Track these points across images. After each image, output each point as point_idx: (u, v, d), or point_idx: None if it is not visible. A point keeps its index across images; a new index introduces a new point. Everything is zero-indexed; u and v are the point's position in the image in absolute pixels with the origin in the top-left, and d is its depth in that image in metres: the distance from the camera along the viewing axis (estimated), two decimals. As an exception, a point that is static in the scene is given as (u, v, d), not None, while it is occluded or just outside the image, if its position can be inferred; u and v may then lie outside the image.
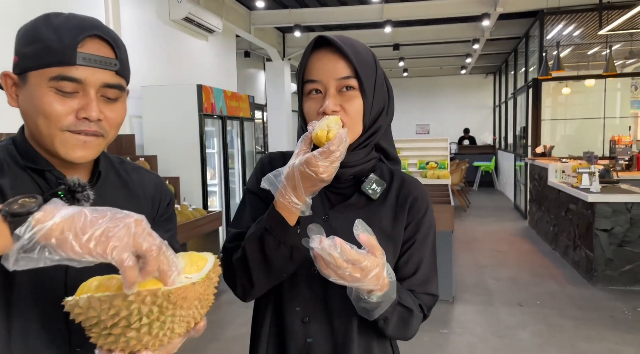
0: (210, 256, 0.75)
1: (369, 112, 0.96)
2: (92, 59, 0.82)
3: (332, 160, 0.84)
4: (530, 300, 4.28)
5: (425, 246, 1.04)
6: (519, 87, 9.89)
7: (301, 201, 0.87)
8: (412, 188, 1.05)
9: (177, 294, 0.65)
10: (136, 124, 4.95)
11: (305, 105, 0.99)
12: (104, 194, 0.92)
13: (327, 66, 0.94)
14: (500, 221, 8.06)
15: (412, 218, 1.03)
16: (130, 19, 4.93)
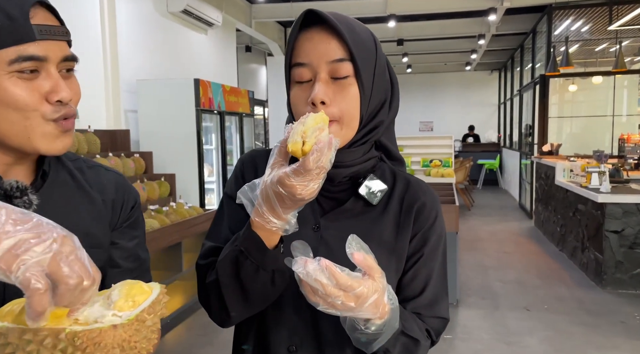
0: (156, 289, 0.59)
1: (366, 104, 0.81)
2: (48, 31, 0.70)
3: (310, 179, 0.67)
4: (538, 304, 4.12)
5: (434, 261, 0.88)
6: (525, 83, 9.71)
7: (282, 220, 0.72)
8: (419, 192, 0.89)
9: (86, 338, 0.50)
10: (131, 119, 4.81)
11: (292, 95, 0.83)
12: (52, 198, 0.78)
13: (318, 47, 0.78)
14: (505, 220, 7.91)
15: (418, 228, 0.87)
16: (126, 11, 4.78)
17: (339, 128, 0.79)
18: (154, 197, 4.06)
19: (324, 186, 0.80)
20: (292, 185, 0.67)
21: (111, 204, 0.86)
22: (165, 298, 0.59)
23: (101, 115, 4.42)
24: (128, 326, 0.53)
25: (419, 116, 14.70)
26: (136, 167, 4.12)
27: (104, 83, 4.44)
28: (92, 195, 0.84)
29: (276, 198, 0.69)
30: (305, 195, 0.68)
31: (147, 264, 0.92)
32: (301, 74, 0.80)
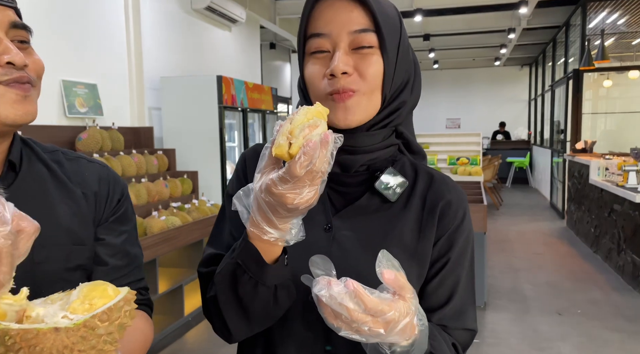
0: (121, 295, 0.51)
1: (390, 80, 0.73)
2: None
3: (302, 186, 0.58)
4: (571, 308, 3.95)
5: (461, 267, 0.79)
6: (557, 79, 9.39)
7: (279, 230, 0.63)
8: (444, 189, 0.80)
9: (20, 337, 0.44)
10: (155, 116, 4.82)
11: (307, 70, 0.74)
12: (26, 193, 0.73)
13: (339, 15, 0.70)
14: (536, 220, 7.66)
15: (444, 230, 0.78)
16: (150, 8, 4.79)
17: (360, 99, 0.71)
18: (176, 194, 4.05)
19: (337, 180, 0.75)
20: (281, 193, 0.59)
21: (94, 197, 0.81)
22: (130, 306, 0.51)
23: (125, 113, 4.43)
24: (73, 332, 0.46)
25: (446, 113, 14.43)
26: (159, 164, 4.12)
27: (129, 81, 4.46)
28: (71, 189, 0.79)
29: (268, 208, 0.61)
30: (301, 203, 0.59)
31: (138, 261, 0.86)
32: (319, 44, 0.71)
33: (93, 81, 3.96)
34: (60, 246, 0.75)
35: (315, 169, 0.57)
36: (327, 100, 0.72)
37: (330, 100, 0.71)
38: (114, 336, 0.49)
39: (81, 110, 3.79)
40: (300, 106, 0.63)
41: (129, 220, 0.86)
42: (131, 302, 0.52)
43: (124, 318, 0.50)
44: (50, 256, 0.73)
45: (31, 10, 3.40)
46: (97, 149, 3.54)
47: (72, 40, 3.77)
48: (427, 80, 14.39)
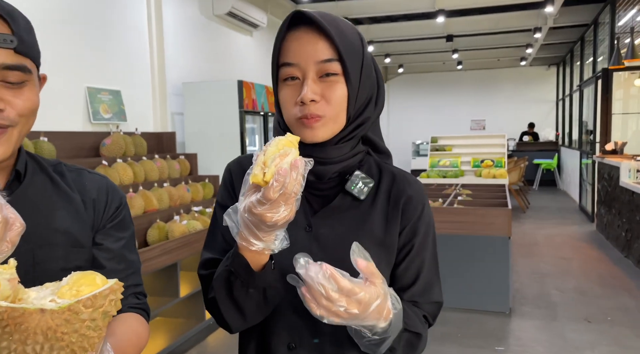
0: (109, 284, 0.54)
1: (354, 101, 0.84)
2: None
3: (277, 206, 0.68)
4: (600, 316, 3.81)
5: (425, 250, 0.92)
6: (585, 78, 9.15)
7: (264, 241, 0.73)
8: (405, 185, 0.92)
9: (7, 314, 0.47)
10: (177, 121, 4.89)
11: (281, 94, 0.84)
12: (28, 198, 0.80)
13: (306, 47, 0.80)
14: (564, 224, 7.46)
15: (407, 221, 0.90)
16: (172, 14, 4.86)
17: (325, 124, 0.82)
18: (197, 198, 4.08)
19: (313, 186, 0.88)
20: (261, 213, 0.68)
21: (92, 204, 0.88)
22: (115, 295, 0.54)
23: (149, 118, 4.51)
24: (57, 314, 0.49)
25: (470, 114, 14.20)
26: (181, 169, 4.16)
27: (152, 87, 4.53)
28: (71, 196, 0.86)
29: (252, 225, 0.71)
30: (279, 220, 0.69)
31: (135, 266, 0.92)
32: (289, 73, 0.81)
33: (117, 88, 4.04)
34: (59, 247, 0.81)
35: (287, 192, 0.67)
36: (298, 122, 0.82)
37: (299, 123, 0.83)
38: (98, 323, 0.52)
39: (105, 116, 3.86)
40: (274, 137, 0.74)
41: (127, 228, 0.92)
42: (117, 292, 0.55)
43: (108, 306, 0.53)
44: (50, 257, 0.79)
45: (57, 20, 3.49)
46: (121, 154, 3.60)
47: (97, 48, 3.85)
48: (451, 81, 14.22)
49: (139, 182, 3.53)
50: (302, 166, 0.68)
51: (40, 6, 3.35)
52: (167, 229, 3.39)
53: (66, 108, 3.54)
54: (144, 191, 3.43)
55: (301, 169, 0.68)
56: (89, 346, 0.52)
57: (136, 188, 3.41)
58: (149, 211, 3.41)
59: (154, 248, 3.07)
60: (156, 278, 3.31)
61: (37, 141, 2.94)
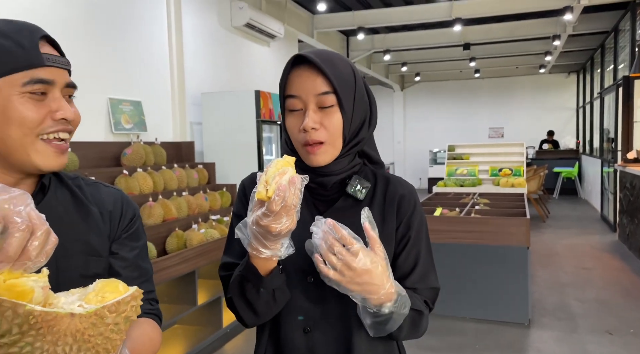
0: (130, 291, 0.60)
1: (348, 127, 0.98)
2: (54, 59, 0.81)
3: (280, 217, 0.81)
4: (622, 328, 3.74)
5: (420, 241, 1.05)
6: (606, 86, 9.01)
7: (271, 249, 0.85)
8: (398, 186, 1.06)
9: (41, 318, 0.51)
10: (196, 131, 4.97)
11: (287, 122, 1.00)
12: (51, 210, 0.85)
13: (306, 82, 0.95)
14: (585, 233, 7.32)
15: (402, 217, 1.03)
16: (192, 26, 4.96)
17: (326, 150, 0.97)
18: (215, 207, 4.14)
19: (318, 192, 1.03)
20: (266, 225, 0.81)
21: (109, 216, 0.94)
22: (136, 302, 0.60)
23: (168, 128, 4.59)
24: (85, 318, 0.54)
25: (488, 122, 14.08)
26: (199, 178, 4.23)
27: (171, 97, 4.62)
28: (89, 208, 0.92)
29: (260, 235, 0.83)
30: (283, 230, 0.82)
31: (148, 274, 0.99)
32: (293, 104, 0.97)
33: (138, 98, 4.13)
34: (79, 256, 0.87)
35: (287, 204, 0.80)
36: (303, 148, 0.97)
37: (304, 150, 0.98)
38: (120, 326, 0.57)
39: (126, 126, 3.95)
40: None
41: (140, 238, 0.99)
42: (137, 299, 0.60)
43: (130, 311, 0.58)
44: (71, 265, 0.85)
45: (80, 33, 3.59)
46: (141, 164, 3.67)
47: (118, 61, 3.96)
48: (468, 89, 14.13)
49: (159, 191, 3.59)
50: (299, 182, 0.81)
51: (63, 20, 3.46)
52: (185, 237, 3.44)
53: (89, 119, 3.63)
54: (163, 200, 3.50)
55: (298, 184, 0.81)
56: (112, 348, 0.57)
57: (156, 197, 3.47)
58: (168, 220, 3.47)
59: (172, 256, 3.12)
60: (174, 285, 3.36)
61: (61, 151, 3.02)
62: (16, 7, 3.12)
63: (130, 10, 4.10)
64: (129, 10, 4.08)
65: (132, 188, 3.37)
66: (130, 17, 4.10)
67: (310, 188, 1.01)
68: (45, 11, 3.32)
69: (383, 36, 9.42)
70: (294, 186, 0.80)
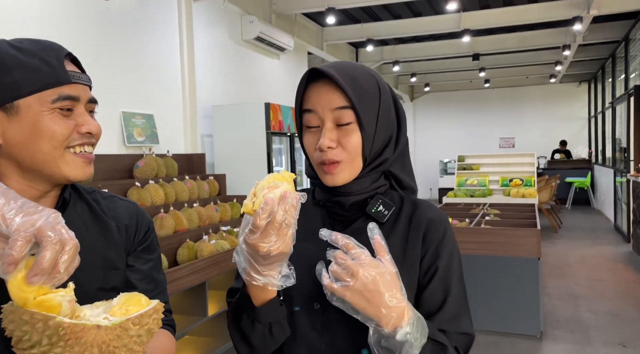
0: (152, 305, 0.62)
1: (369, 146, 0.88)
2: (78, 77, 0.85)
3: (268, 235, 0.72)
4: (636, 340, 3.68)
5: (451, 275, 0.90)
6: (618, 95, 8.96)
7: (264, 276, 0.77)
8: (426, 210, 0.94)
9: (70, 329, 0.54)
10: (207, 143, 5.03)
11: (304, 139, 0.93)
12: (72, 224, 0.87)
13: (323, 96, 0.88)
14: (598, 244, 7.24)
15: (429, 244, 0.90)
16: (203, 40, 5.05)
17: (344, 169, 0.88)
18: (226, 218, 4.17)
19: (336, 212, 0.94)
20: (253, 243, 0.73)
21: (125, 230, 0.96)
22: (158, 315, 0.62)
23: (180, 140, 4.66)
24: (110, 330, 0.57)
25: (499, 132, 14.03)
26: (210, 189, 4.27)
27: (183, 110, 4.70)
28: (107, 222, 0.94)
29: (250, 257, 0.75)
30: (272, 250, 0.73)
31: (163, 286, 1.01)
32: (310, 120, 0.89)
33: (150, 111, 4.20)
34: (98, 270, 0.90)
35: (276, 220, 0.71)
36: (319, 167, 0.90)
37: (321, 169, 0.90)
38: (143, 339, 0.59)
39: (139, 139, 4.02)
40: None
41: (155, 250, 1.01)
42: (159, 312, 0.63)
43: (152, 324, 0.61)
44: (89, 279, 0.87)
45: (94, 48, 3.68)
46: (153, 176, 3.73)
47: (131, 74, 4.04)
48: (478, 99, 14.11)
49: (170, 203, 3.64)
50: (293, 199, 0.72)
51: (77, 35, 3.55)
52: (196, 248, 3.48)
53: (103, 132, 3.70)
54: (174, 211, 3.54)
55: (292, 201, 0.72)
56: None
57: (167, 209, 3.52)
58: (179, 231, 3.51)
59: (183, 267, 3.15)
60: (185, 297, 3.39)
61: (75, 164, 3.08)
62: (32, 24, 3.21)
63: (143, 25, 4.20)
64: (141, 25, 4.17)
65: (144, 200, 3.42)
66: (142, 32, 4.18)
67: (328, 208, 0.94)
68: (60, 27, 3.41)
69: (392, 47, 9.47)
70: (285, 202, 0.72)
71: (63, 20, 3.42)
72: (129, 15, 4.03)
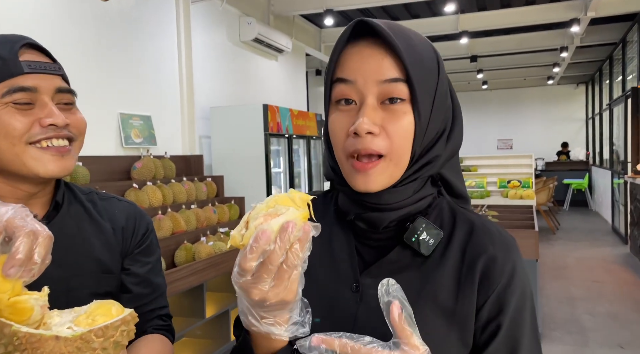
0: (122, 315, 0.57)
1: (421, 136, 0.65)
2: (37, 66, 0.79)
3: (258, 280, 0.52)
4: (634, 341, 3.69)
5: (520, 328, 0.66)
6: (615, 97, 8.99)
7: (270, 324, 0.56)
8: (487, 240, 0.68)
9: (26, 339, 0.50)
10: (205, 144, 5.02)
11: (331, 119, 0.67)
12: (65, 228, 0.85)
13: (367, 63, 0.63)
14: (596, 246, 7.25)
15: (489, 290, 0.66)
16: (201, 42, 5.05)
17: (384, 169, 0.64)
18: (224, 220, 4.16)
19: (365, 235, 0.70)
20: (242, 286, 0.54)
21: (121, 232, 0.92)
22: (127, 326, 0.57)
23: (177, 142, 4.65)
24: (70, 342, 0.52)
25: (497, 133, 14.06)
26: (208, 191, 4.27)
27: (181, 111, 4.69)
28: (102, 224, 0.91)
29: (245, 301, 0.56)
30: (269, 299, 0.53)
31: (161, 289, 0.96)
32: (343, 91, 0.65)
33: (147, 113, 4.20)
34: (91, 274, 0.86)
35: (271, 262, 0.52)
36: (348, 162, 0.66)
37: (350, 165, 0.66)
38: (109, 351, 0.55)
39: (136, 140, 4.01)
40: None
41: (153, 253, 0.97)
42: (130, 323, 0.57)
43: (119, 336, 0.56)
44: (82, 284, 0.84)
45: (91, 50, 3.67)
46: (151, 177, 3.72)
47: (129, 76, 4.03)
48: (477, 101, 14.14)
49: (168, 204, 3.64)
50: (299, 231, 0.52)
51: (74, 36, 3.54)
52: (194, 250, 3.47)
53: (100, 134, 3.70)
54: (172, 213, 3.53)
55: (295, 233, 0.52)
56: None
57: (165, 210, 3.51)
58: (177, 233, 3.50)
59: (181, 269, 3.15)
60: (183, 298, 3.38)
61: (72, 165, 3.07)
62: (27, 25, 3.20)
63: (141, 26, 4.19)
64: (139, 26, 4.17)
65: (142, 202, 3.41)
66: (140, 33, 4.18)
67: (356, 228, 0.71)
68: (56, 28, 3.40)
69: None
70: (285, 236, 0.51)
71: (60, 21, 3.42)
72: (127, 17, 4.02)
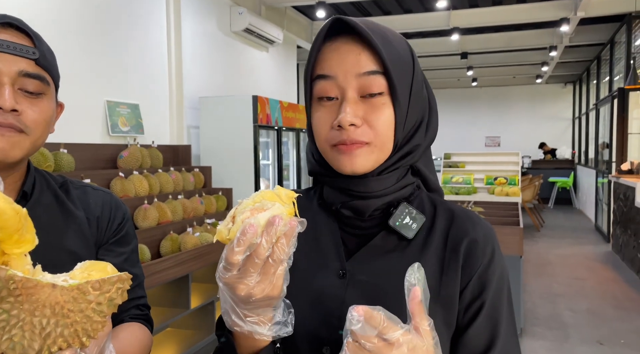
0: (118, 273, 0.55)
1: (402, 126, 0.68)
2: (5, 45, 0.75)
3: (244, 275, 0.54)
4: (613, 338, 3.76)
5: (500, 307, 0.71)
6: (602, 97, 9.10)
7: (253, 323, 0.58)
8: (468, 225, 0.73)
9: (22, 284, 0.49)
10: (193, 135, 4.98)
11: (314, 116, 0.70)
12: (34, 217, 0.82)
13: (346, 58, 0.67)
14: (579, 244, 7.36)
15: (472, 271, 0.70)
16: (191, 30, 4.99)
17: (370, 152, 0.68)
18: (211, 211, 4.14)
19: (350, 223, 0.72)
20: (228, 282, 0.55)
21: (96, 221, 0.89)
22: (123, 285, 0.55)
23: (165, 131, 4.61)
24: (67, 291, 0.51)
25: (485, 131, 14.17)
26: (195, 181, 4.24)
27: (169, 101, 4.64)
28: (76, 214, 0.88)
29: (229, 297, 0.57)
30: (254, 294, 0.55)
31: (138, 280, 0.94)
32: (325, 88, 0.68)
33: (135, 101, 4.15)
34: (64, 267, 0.83)
35: (258, 256, 0.53)
36: (333, 150, 0.69)
37: (335, 150, 0.69)
38: (103, 308, 0.53)
39: (123, 129, 3.96)
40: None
41: (129, 243, 0.94)
42: (125, 282, 0.55)
43: (115, 293, 0.54)
44: None
45: (78, 35, 3.61)
46: (137, 167, 3.68)
47: (117, 63, 3.97)
48: (466, 98, 14.21)
49: (154, 194, 3.60)
50: (285, 226, 0.54)
51: (60, 22, 3.48)
52: (180, 241, 3.45)
53: (86, 121, 3.65)
54: (158, 203, 3.50)
55: (281, 227, 0.54)
56: (92, 331, 0.53)
57: (151, 200, 3.48)
58: (162, 223, 3.47)
59: (166, 259, 3.13)
60: (168, 289, 3.36)
61: (57, 152, 3.03)
62: (13, 10, 3.14)
63: (130, 13, 4.12)
64: (128, 13, 4.10)
65: (128, 191, 3.38)
66: (129, 20, 4.12)
67: (340, 216, 0.73)
68: (42, 13, 3.33)
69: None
70: (271, 230, 0.53)
71: (46, 8, 3.35)
72: (116, 3, 3.96)
